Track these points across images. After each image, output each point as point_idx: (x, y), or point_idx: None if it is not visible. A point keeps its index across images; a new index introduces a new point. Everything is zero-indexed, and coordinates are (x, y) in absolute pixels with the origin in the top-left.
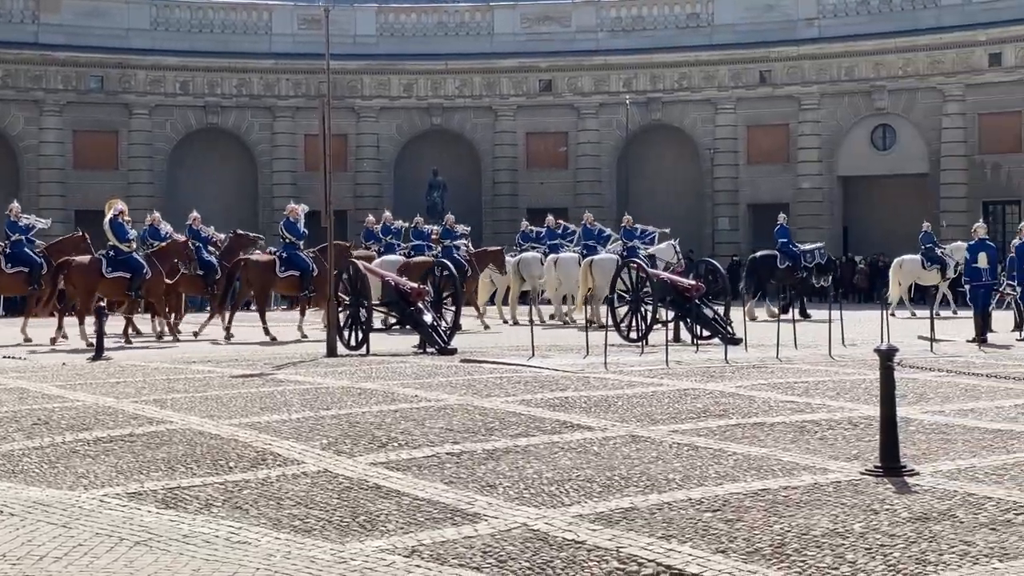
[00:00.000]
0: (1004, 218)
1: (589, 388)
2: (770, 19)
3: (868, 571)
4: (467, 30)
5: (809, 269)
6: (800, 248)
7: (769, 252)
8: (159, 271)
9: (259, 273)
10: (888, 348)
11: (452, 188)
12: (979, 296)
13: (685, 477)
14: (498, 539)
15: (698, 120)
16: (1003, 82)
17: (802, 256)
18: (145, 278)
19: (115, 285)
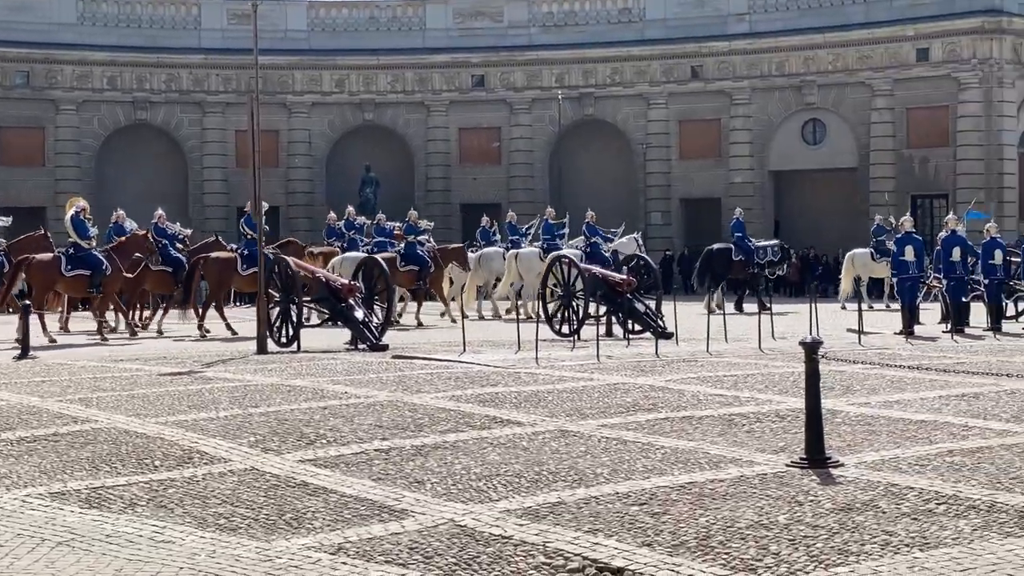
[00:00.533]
0: (932, 212)
1: (519, 383)
2: (701, 14)
3: (791, 562)
4: (399, 25)
5: (762, 265)
6: (755, 243)
7: (724, 245)
8: (118, 267)
9: (218, 271)
10: (813, 341)
11: (385, 184)
12: (906, 289)
13: (613, 471)
14: (425, 535)
15: (630, 115)
16: (931, 77)
17: (756, 252)
18: (105, 275)
19: (75, 283)
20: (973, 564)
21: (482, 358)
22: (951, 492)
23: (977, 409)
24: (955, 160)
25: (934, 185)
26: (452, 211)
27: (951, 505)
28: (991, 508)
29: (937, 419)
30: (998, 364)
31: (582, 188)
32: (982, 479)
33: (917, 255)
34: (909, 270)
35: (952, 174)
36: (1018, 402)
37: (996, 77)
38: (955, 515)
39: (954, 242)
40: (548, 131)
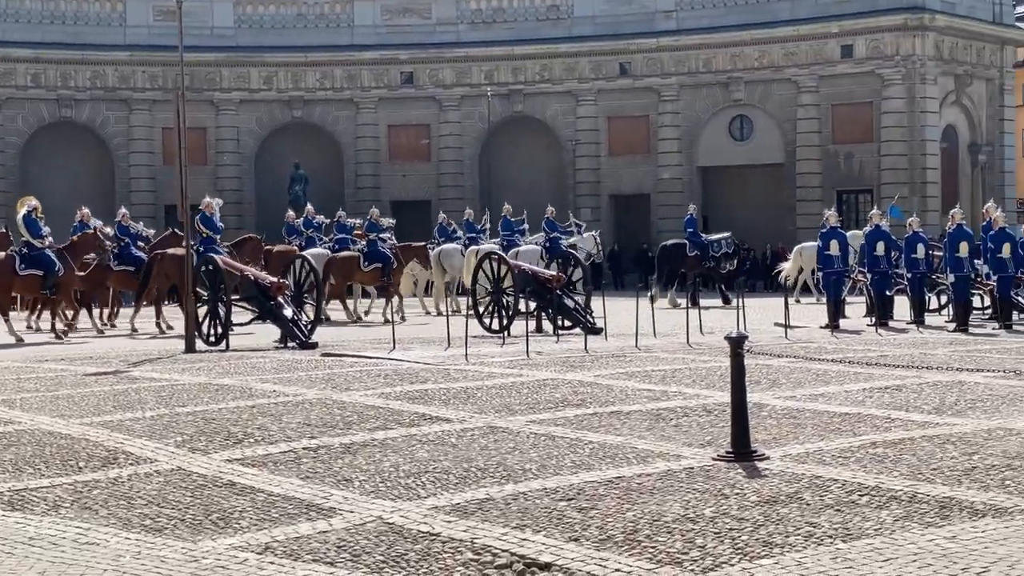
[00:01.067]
0: (857, 207)
1: (449, 380)
2: (629, 11)
3: (717, 555)
4: (327, 22)
5: (716, 258)
6: (707, 238)
7: (678, 241)
8: (71, 267)
9: (176, 267)
10: (738, 336)
11: (314, 181)
12: (831, 283)
13: (541, 467)
14: (353, 533)
15: (559, 112)
16: (855, 73)
17: (710, 245)
18: (58, 275)
19: (29, 283)
20: (895, 554)
21: (412, 355)
22: (874, 484)
23: (900, 401)
24: (879, 156)
25: (859, 180)
26: (382, 208)
27: (873, 496)
28: (912, 499)
29: (861, 412)
30: (920, 357)
31: (512, 184)
32: (904, 470)
33: (842, 250)
34: (834, 264)
35: (876, 169)
36: (939, 394)
37: (919, 74)
38: (877, 506)
39: (878, 236)
40: (477, 128)
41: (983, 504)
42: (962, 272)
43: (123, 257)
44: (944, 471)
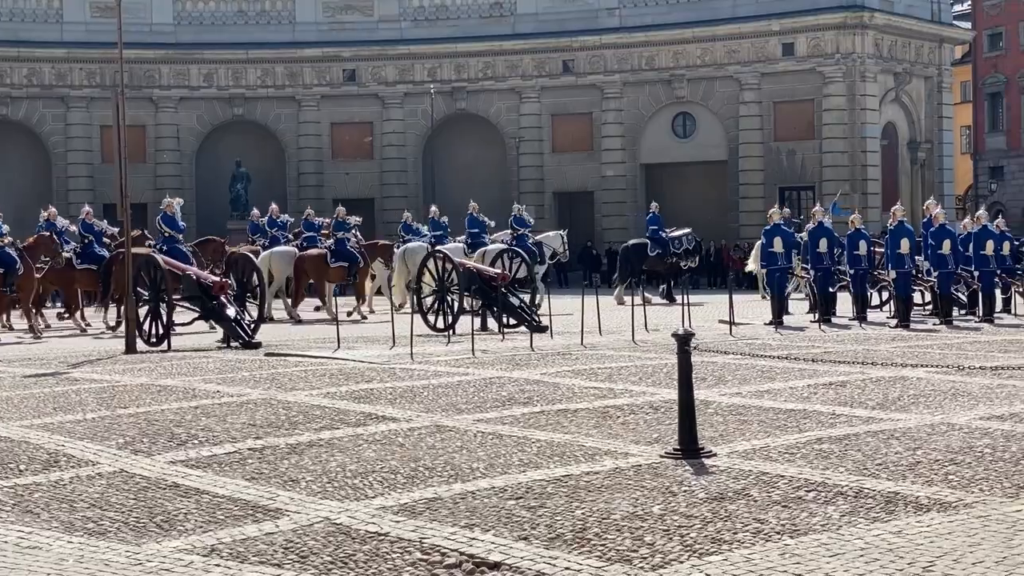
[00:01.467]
0: (799, 203)
1: (394, 379)
2: (572, 9)
3: (666, 552)
4: (268, 19)
5: (678, 255)
6: (669, 235)
7: (640, 240)
8: (30, 266)
9: None
10: (685, 333)
11: (256, 179)
12: (775, 280)
13: (489, 466)
14: (300, 534)
15: (503, 109)
16: (796, 71)
17: (671, 243)
18: (18, 274)
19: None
20: (842, 549)
21: (357, 354)
22: (820, 479)
23: (844, 397)
24: (821, 153)
25: (801, 177)
26: (325, 207)
27: (820, 492)
28: (858, 494)
29: (806, 408)
30: (864, 353)
31: (455, 182)
32: (849, 466)
33: (786, 246)
34: (778, 261)
35: (818, 166)
36: (883, 390)
37: (859, 71)
38: (824, 502)
39: (821, 233)
40: (421, 125)
41: (928, 499)
42: (903, 268)
43: (87, 256)
44: (889, 466)
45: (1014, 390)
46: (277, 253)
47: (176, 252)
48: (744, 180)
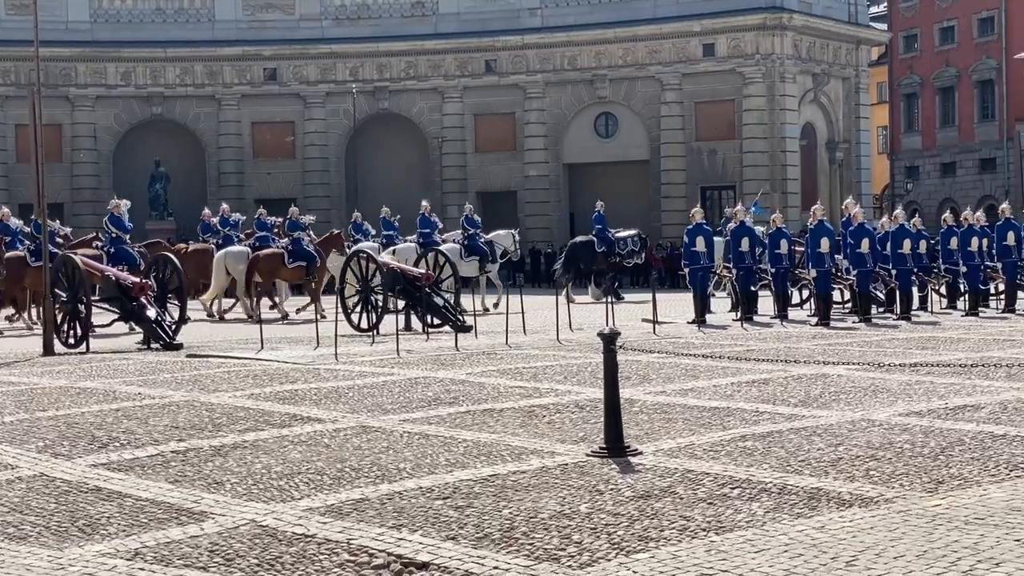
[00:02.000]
0: (720, 203)
1: (319, 380)
2: (494, 9)
3: (593, 550)
4: (187, 17)
5: (623, 255)
6: (615, 235)
7: (587, 238)
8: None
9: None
10: (611, 332)
11: (176, 179)
12: (698, 279)
13: (416, 466)
14: (225, 537)
15: (425, 109)
16: (717, 71)
17: (617, 243)
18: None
19: None
20: (767, 545)
21: (280, 355)
22: (744, 476)
23: (767, 395)
24: (741, 152)
25: (722, 177)
26: (246, 207)
27: (745, 489)
28: (782, 491)
29: (730, 405)
30: (785, 351)
31: (378, 182)
32: (773, 463)
33: (708, 246)
34: (700, 260)
35: (739, 166)
36: (805, 387)
37: (779, 72)
38: (749, 498)
39: (743, 233)
40: (343, 125)
41: (850, 494)
42: (823, 267)
43: (39, 255)
44: (812, 463)
45: (932, 386)
46: (232, 253)
47: (123, 253)
48: (666, 180)
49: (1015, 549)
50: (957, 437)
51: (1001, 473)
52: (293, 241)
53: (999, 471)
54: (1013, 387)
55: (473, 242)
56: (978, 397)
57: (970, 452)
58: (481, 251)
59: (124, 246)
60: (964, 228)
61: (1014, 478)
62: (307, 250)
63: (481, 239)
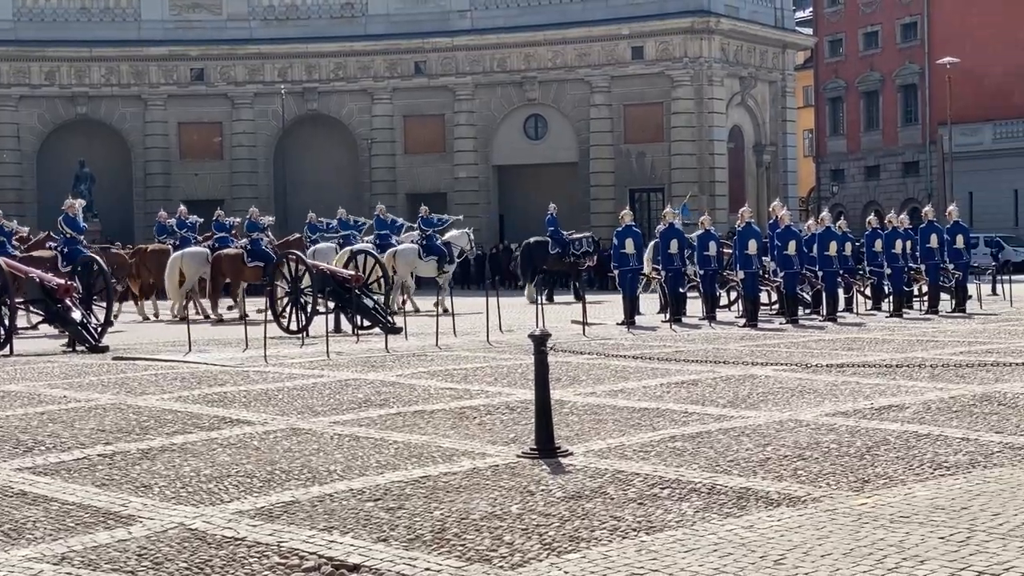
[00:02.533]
0: (649, 205)
1: (248, 382)
2: (424, 10)
3: (524, 551)
4: (113, 16)
5: (577, 255)
6: (569, 236)
7: (542, 239)
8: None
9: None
10: (541, 334)
11: (101, 180)
12: (627, 281)
13: (346, 468)
14: (154, 540)
15: (354, 110)
16: (645, 74)
17: (571, 244)
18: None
19: None
20: (696, 545)
21: (209, 357)
22: (674, 476)
23: (696, 395)
24: (670, 155)
25: (651, 179)
26: (173, 208)
27: (674, 489)
28: (711, 490)
29: (659, 406)
30: (714, 352)
31: (307, 183)
32: (702, 463)
33: (637, 247)
34: (629, 262)
35: (667, 168)
36: (733, 388)
37: (706, 75)
38: (678, 498)
39: (671, 235)
40: (271, 126)
41: (778, 494)
42: (751, 269)
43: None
44: (740, 463)
45: (857, 387)
46: (189, 254)
47: (78, 253)
48: (595, 182)
49: (939, 547)
50: (882, 437)
51: (925, 472)
52: (252, 241)
53: (923, 470)
54: (936, 387)
55: (431, 242)
56: (903, 397)
57: (895, 451)
58: (439, 251)
59: (79, 247)
60: (888, 230)
61: (938, 477)
62: (265, 250)
63: (438, 240)
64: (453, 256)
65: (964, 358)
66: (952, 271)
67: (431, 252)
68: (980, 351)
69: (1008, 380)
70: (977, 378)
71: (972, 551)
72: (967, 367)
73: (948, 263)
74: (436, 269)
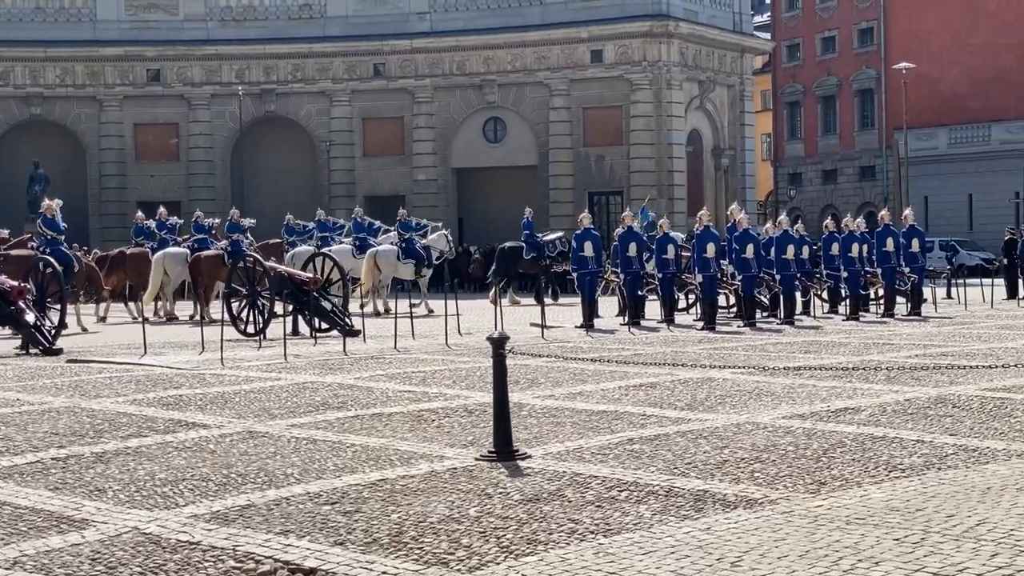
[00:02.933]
0: (608, 208)
1: (205, 385)
2: (383, 12)
3: (482, 554)
4: (68, 16)
5: (552, 257)
6: (543, 239)
7: (516, 243)
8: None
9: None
10: (500, 336)
11: (56, 181)
12: (586, 283)
13: (303, 471)
14: (108, 545)
15: (313, 112)
16: (605, 78)
17: (545, 246)
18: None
19: None
20: (654, 547)
21: (164, 360)
22: (632, 479)
23: (654, 398)
24: (629, 158)
25: (610, 182)
26: (128, 209)
27: (632, 492)
28: (669, 493)
29: (618, 409)
30: (672, 355)
31: (265, 185)
32: (660, 465)
33: (595, 250)
34: (588, 265)
35: (626, 172)
36: (691, 391)
37: (665, 79)
38: (636, 501)
39: (630, 238)
40: (229, 128)
41: (735, 496)
42: (709, 272)
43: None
44: (698, 465)
45: (814, 389)
46: (171, 254)
47: (58, 254)
48: (554, 185)
49: (894, 548)
50: (838, 439)
51: (881, 474)
52: (232, 243)
53: (879, 472)
54: (892, 390)
55: (410, 245)
56: (859, 400)
57: (851, 454)
58: (418, 255)
59: (60, 247)
60: (845, 234)
61: (893, 479)
62: (243, 251)
63: (418, 243)
64: (431, 259)
65: (919, 361)
66: (908, 275)
67: (409, 255)
68: (935, 354)
69: (962, 383)
70: (932, 381)
71: (926, 552)
72: (922, 370)
73: (904, 267)
74: (414, 272)
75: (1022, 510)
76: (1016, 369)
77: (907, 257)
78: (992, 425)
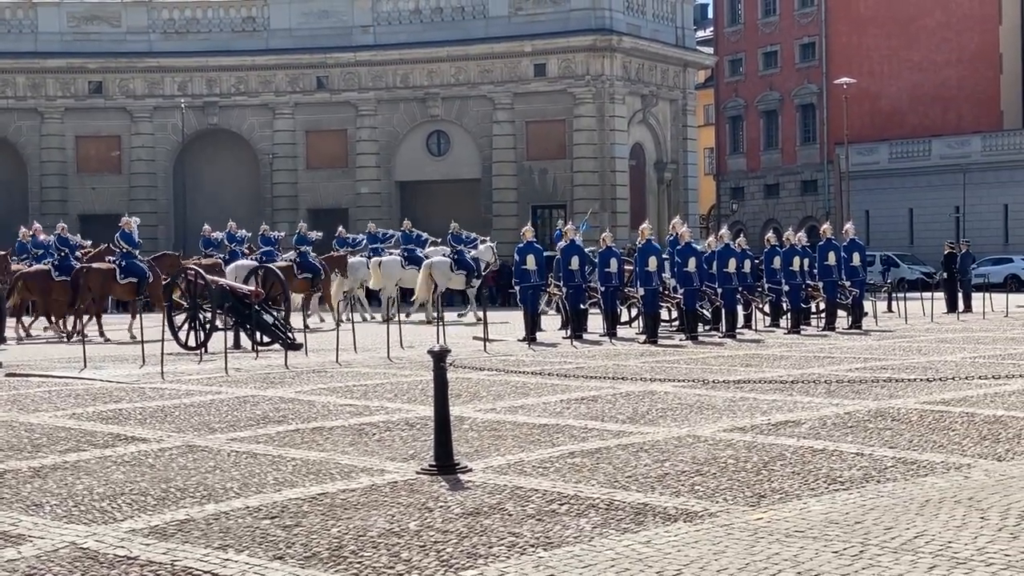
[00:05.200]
0: (551, 221)
1: (144, 399)
2: (326, 25)
3: (422, 568)
4: (8, 27)
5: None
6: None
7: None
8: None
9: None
10: (441, 350)
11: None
12: (528, 297)
13: (243, 485)
14: (44, 560)
15: (256, 125)
16: (548, 91)
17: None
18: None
19: None
20: (594, 560)
21: (104, 374)
22: (573, 492)
23: (596, 412)
24: (572, 172)
25: (553, 196)
26: (70, 222)
27: (573, 505)
28: (609, 506)
29: (559, 422)
30: (614, 368)
31: (207, 198)
32: (601, 479)
33: (539, 264)
34: (531, 278)
35: (569, 185)
36: (632, 404)
37: (608, 93)
38: (577, 514)
39: (573, 251)
40: (171, 140)
41: (675, 509)
42: (651, 286)
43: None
44: (639, 478)
45: (755, 403)
46: (242, 267)
47: (134, 267)
48: (497, 198)
49: (833, 561)
50: (779, 452)
51: (820, 487)
52: (301, 255)
53: (818, 485)
54: (832, 403)
55: (462, 257)
56: (799, 413)
57: (791, 467)
58: (469, 266)
59: (135, 260)
60: (786, 248)
61: (832, 491)
62: (313, 263)
63: (467, 255)
64: (480, 271)
65: (859, 374)
66: (849, 288)
67: (461, 266)
68: (875, 367)
69: (902, 396)
70: (872, 394)
71: (865, 565)
72: (862, 383)
73: (845, 280)
74: (465, 283)
75: (960, 523)
76: (955, 382)
77: (848, 271)
78: (931, 438)
